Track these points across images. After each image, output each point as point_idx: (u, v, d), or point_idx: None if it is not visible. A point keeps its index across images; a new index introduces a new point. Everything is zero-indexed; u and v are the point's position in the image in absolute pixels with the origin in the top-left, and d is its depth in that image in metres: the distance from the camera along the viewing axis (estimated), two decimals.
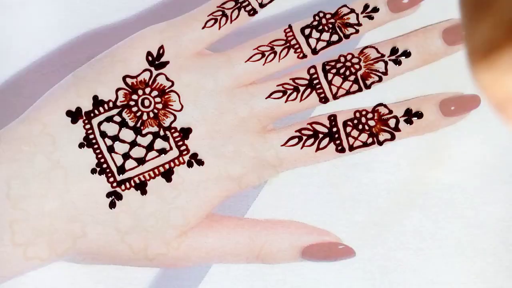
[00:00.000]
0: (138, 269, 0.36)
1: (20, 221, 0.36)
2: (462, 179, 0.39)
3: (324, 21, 0.38)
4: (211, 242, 0.36)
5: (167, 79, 0.38)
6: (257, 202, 0.37)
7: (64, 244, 0.36)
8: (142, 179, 0.37)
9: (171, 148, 0.37)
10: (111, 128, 0.37)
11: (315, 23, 0.38)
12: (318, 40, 0.38)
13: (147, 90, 0.38)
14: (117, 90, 0.38)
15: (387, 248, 0.36)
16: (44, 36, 0.38)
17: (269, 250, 0.36)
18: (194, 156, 0.37)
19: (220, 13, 0.39)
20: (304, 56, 0.38)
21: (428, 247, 0.36)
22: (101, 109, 0.38)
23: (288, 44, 0.38)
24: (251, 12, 0.39)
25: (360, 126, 0.37)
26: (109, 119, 0.37)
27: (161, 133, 0.37)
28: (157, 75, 0.38)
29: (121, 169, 0.37)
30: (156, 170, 0.37)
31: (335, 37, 0.38)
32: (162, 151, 0.37)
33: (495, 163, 0.39)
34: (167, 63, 0.38)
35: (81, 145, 0.37)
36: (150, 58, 0.38)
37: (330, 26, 0.38)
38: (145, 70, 0.38)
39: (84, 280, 0.35)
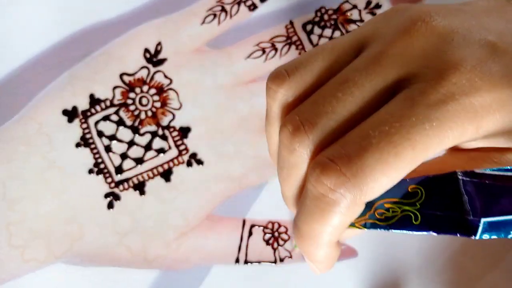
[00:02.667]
0: (138, 271, 0.35)
1: (16, 223, 0.36)
2: None
3: (326, 17, 0.37)
4: (211, 243, 0.36)
5: (165, 76, 0.37)
6: (258, 202, 0.37)
7: (62, 245, 0.36)
8: (141, 179, 0.36)
9: (170, 148, 0.36)
10: (108, 127, 0.37)
11: (317, 19, 0.37)
12: (320, 36, 0.37)
13: (145, 88, 0.37)
14: (114, 88, 0.37)
15: (389, 247, 0.36)
16: (39, 34, 0.37)
17: None
18: (194, 155, 0.36)
19: (219, 8, 0.38)
20: None
21: (429, 246, 0.36)
22: (98, 108, 0.37)
23: (289, 41, 0.37)
24: (252, 7, 0.38)
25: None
26: (106, 118, 0.37)
27: (160, 132, 0.37)
28: (155, 72, 0.37)
29: (119, 169, 0.36)
30: (155, 170, 0.36)
31: (337, 34, 0.37)
32: (161, 151, 0.36)
33: None
34: (165, 60, 0.37)
35: (78, 145, 0.36)
36: (147, 55, 0.37)
37: (332, 22, 0.37)
38: (142, 67, 0.37)
39: (83, 283, 0.35)
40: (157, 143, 0.36)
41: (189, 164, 0.36)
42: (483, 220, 0.20)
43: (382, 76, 0.21)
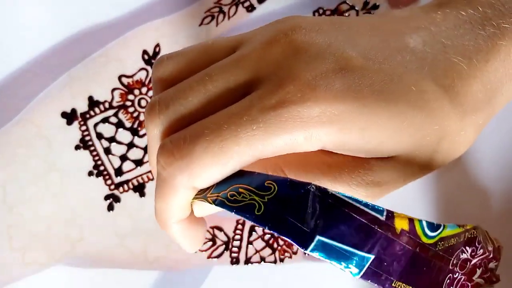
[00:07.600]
0: (138, 272, 0.35)
1: (17, 226, 0.36)
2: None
3: None
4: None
5: None
6: None
7: (62, 248, 0.36)
8: (141, 181, 0.36)
9: None
10: (107, 129, 0.37)
11: None
12: None
13: (144, 89, 0.37)
14: (113, 90, 0.37)
15: None
16: (37, 36, 0.37)
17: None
18: None
19: (217, 9, 0.38)
20: None
21: None
22: (97, 110, 0.37)
23: None
24: (249, 8, 0.38)
25: None
26: (105, 120, 0.37)
27: None
28: None
29: (119, 171, 0.36)
30: None
31: None
32: None
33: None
34: None
35: (77, 147, 0.36)
36: (146, 57, 0.37)
37: None
38: (141, 69, 0.37)
39: (84, 284, 0.35)
40: None
41: None
42: (318, 237, 0.20)
43: (235, 76, 0.22)
